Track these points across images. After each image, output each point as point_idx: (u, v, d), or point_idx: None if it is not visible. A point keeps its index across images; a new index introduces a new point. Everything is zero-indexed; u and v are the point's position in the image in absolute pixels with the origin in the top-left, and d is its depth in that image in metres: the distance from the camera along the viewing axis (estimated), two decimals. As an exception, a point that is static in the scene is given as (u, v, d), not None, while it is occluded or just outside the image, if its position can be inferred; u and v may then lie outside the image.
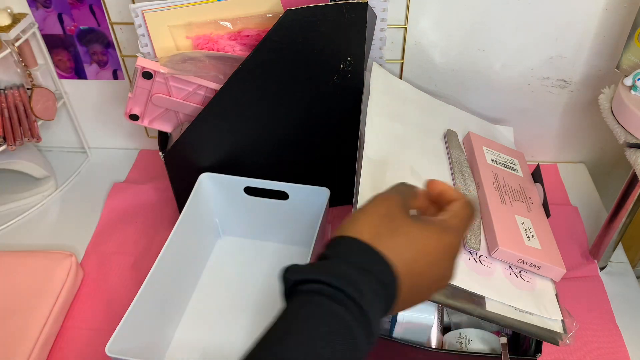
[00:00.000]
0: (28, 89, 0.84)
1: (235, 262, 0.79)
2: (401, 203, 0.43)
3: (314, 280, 0.38)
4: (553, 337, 0.55)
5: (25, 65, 0.83)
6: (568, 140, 0.92)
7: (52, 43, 0.86)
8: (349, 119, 0.73)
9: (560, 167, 0.94)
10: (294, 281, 0.39)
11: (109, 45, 0.85)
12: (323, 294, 0.37)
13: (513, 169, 0.73)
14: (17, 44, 0.79)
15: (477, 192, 0.67)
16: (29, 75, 0.83)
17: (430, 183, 0.47)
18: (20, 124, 0.83)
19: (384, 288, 0.38)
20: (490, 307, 0.55)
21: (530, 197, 0.69)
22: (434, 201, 0.47)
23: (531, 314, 0.56)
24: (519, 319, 0.55)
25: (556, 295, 0.59)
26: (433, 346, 0.62)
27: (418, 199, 0.47)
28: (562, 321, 0.57)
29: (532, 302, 0.57)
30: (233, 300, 0.74)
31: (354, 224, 0.41)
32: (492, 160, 0.72)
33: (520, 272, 0.60)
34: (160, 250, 0.65)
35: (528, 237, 0.62)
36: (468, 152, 0.73)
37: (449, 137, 0.73)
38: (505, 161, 0.73)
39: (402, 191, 0.45)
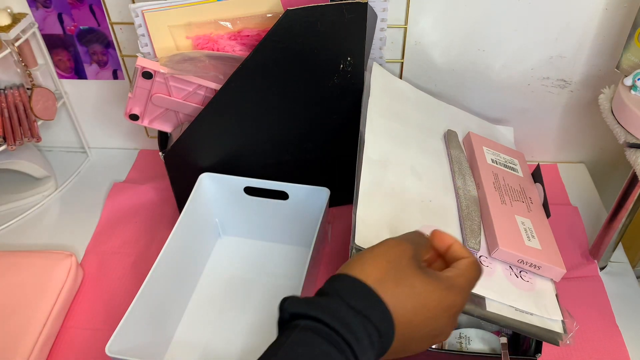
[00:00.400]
0: (28, 89, 0.84)
1: (235, 262, 0.79)
2: (412, 253, 0.42)
3: (312, 317, 0.37)
4: (553, 338, 0.55)
5: (25, 65, 0.83)
6: (568, 140, 0.92)
7: (52, 43, 0.86)
8: (349, 119, 0.73)
9: (560, 167, 0.94)
10: (292, 313, 0.38)
11: (109, 45, 0.85)
12: (319, 334, 0.36)
13: (513, 169, 0.73)
14: (17, 44, 0.79)
15: (477, 192, 0.67)
16: (29, 75, 0.83)
17: (438, 235, 0.45)
18: (20, 124, 0.83)
19: (380, 336, 0.38)
20: (490, 307, 0.55)
21: (530, 197, 0.69)
22: (440, 254, 0.46)
23: (531, 314, 0.56)
24: (519, 319, 0.55)
25: (556, 295, 0.59)
26: (433, 346, 0.62)
27: (428, 251, 0.45)
28: (562, 321, 0.57)
29: (532, 302, 0.57)
30: (233, 300, 0.74)
31: (360, 263, 0.41)
32: (492, 160, 0.72)
33: (520, 272, 0.60)
34: (160, 250, 0.65)
35: (528, 237, 0.62)
36: (468, 152, 0.73)
37: (449, 137, 0.73)
38: (506, 161, 0.73)
39: (416, 241, 0.44)
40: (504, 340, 0.60)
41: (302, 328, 0.37)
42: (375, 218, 0.58)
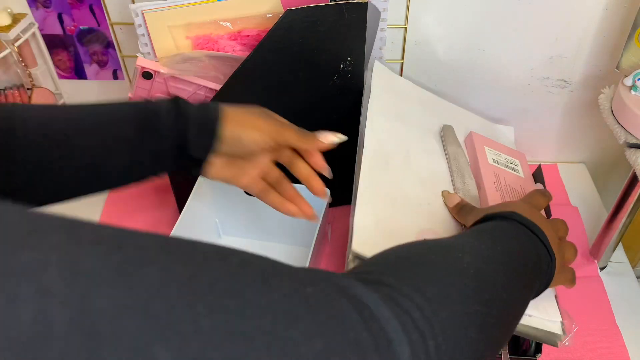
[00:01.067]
0: (28, 89, 0.84)
1: (235, 262, 0.79)
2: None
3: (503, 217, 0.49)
4: (552, 339, 0.55)
5: (25, 65, 0.83)
6: (568, 140, 0.92)
7: (52, 43, 0.86)
8: (349, 119, 0.73)
9: (560, 167, 0.94)
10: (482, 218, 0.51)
11: (109, 45, 0.85)
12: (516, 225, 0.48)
13: (514, 169, 0.73)
14: (17, 44, 0.79)
15: (479, 193, 0.66)
16: (29, 75, 0.83)
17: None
18: (20, 124, 0.83)
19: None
20: None
21: None
22: None
23: (530, 315, 0.56)
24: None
25: (555, 296, 0.59)
26: None
27: None
28: (561, 322, 0.57)
29: (532, 303, 0.57)
30: (233, 300, 0.74)
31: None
32: (494, 160, 0.72)
33: None
34: (160, 250, 0.65)
35: None
36: (470, 152, 0.73)
37: (445, 132, 0.73)
38: (507, 162, 0.73)
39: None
40: (504, 340, 0.59)
41: (498, 221, 0.49)
42: (373, 221, 0.58)
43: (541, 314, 0.56)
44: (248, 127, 0.53)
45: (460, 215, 0.60)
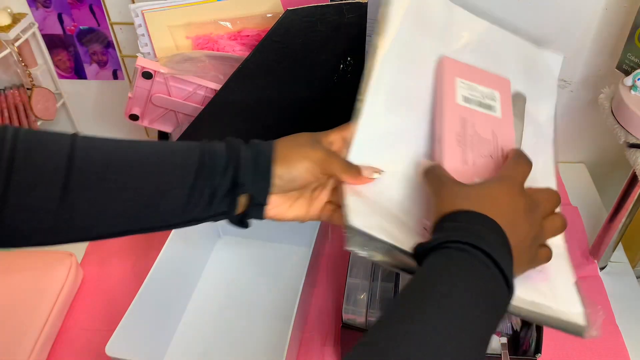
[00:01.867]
0: (28, 89, 0.84)
1: (235, 262, 0.79)
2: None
3: (447, 243, 0.42)
4: (577, 330, 0.48)
5: (25, 65, 0.83)
6: (568, 140, 0.92)
7: (52, 43, 0.86)
8: (348, 119, 0.72)
9: (560, 167, 0.94)
10: (431, 247, 0.42)
11: (109, 45, 0.85)
12: (461, 252, 0.41)
13: (489, 107, 0.56)
14: (17, 44, 0.79)
15: (435, 146, 0.53)
16: (29, 75, 0.83)
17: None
18: (20, 124, 0.83)
19: (505, 244, 0.43)
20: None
21: (502, 149, 0.53)
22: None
23: (550, 307, 0.49)
24: (537, 312, 0.48)
25: (576, 282, 0.52)
26: None
27: None
28: (583, 312, 0.49)
29: (550, 292, 0.50)
30: (233, 300, 0.74)
31: (440, 199, 0.46)
32: (465, 98, 0.54)
33: None
34: (160, 250, 0.65)
35: None
36: (437, 86, 0.56)
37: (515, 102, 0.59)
38: (482, 97, 0.55)
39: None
40: (503, 340, 0.59)
41: (441, 253, 0.42)
42: (364, 194, 0.52)
43: (560, 306, 0.50)
44: (298, 159, 0.51)
45: (425, 179, 0.50)
